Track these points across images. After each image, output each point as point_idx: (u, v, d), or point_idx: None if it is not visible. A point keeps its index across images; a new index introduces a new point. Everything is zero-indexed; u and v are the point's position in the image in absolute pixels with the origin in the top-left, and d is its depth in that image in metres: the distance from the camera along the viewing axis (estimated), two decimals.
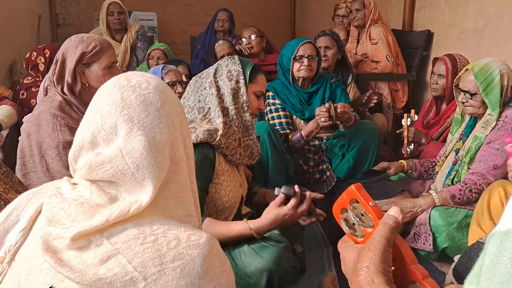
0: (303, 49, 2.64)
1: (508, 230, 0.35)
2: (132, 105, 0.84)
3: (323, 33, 3.12)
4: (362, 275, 0.60)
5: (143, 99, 0.85)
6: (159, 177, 0.82)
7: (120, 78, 0.90)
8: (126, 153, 0.81)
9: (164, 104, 0.87)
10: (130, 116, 0.83)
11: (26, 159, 1.86)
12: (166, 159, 0.84)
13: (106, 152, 0.82)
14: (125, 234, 0.77)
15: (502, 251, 0.35)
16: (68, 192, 0.84)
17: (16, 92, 3.28)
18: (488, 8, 3.10)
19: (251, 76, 1.76)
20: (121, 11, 3.86)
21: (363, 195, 0.69)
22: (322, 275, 1.88)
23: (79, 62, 1.89)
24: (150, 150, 0.81)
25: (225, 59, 1.80)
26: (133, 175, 0.80)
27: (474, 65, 2.09)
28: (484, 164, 2.01)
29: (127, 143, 0.81)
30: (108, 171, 0.80)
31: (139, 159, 0.81)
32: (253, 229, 1.54)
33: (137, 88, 0.86)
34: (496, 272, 0.34)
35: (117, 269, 0.73)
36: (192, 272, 0.76)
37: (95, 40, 1.94)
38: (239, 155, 1.75)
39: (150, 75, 0.92)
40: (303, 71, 2.65)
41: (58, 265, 0.73)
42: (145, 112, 0.84)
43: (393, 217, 0.65)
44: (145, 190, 0.80)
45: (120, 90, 0.86)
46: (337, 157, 2.69)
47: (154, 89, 0.87)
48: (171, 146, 0.86)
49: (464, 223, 1.98)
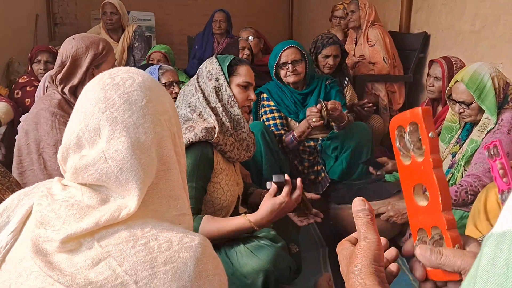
0: (285, 55, 2.63)
1: (504, 232, 0.35)
2: (115, 104, 0.81)
3: (333, 41, 3.01)
4: (353, 278, 0.60)
5: (126, 98, 0.82)
6: (145, 180, 0.80)
7: (104, 75, 0.87)
8: (109, 156, 0.79)
9: (149, 102, 0.84)
10: (113, 116, 0.80)
11: (23, 157, 1.86)
12: (152, 159, 0.82)
13: (90, 155, 0.80)
14: (116, 236, 0.75)
15: (498, 253, 0.35)
16: (59, 193, 0.82)
17: (12, 91, 3.27)
18: (484, 10, 3.11)
19: (230, 70, 1.76)
20: (114, 11, 3.85)
21: (427, 123, 0.61)
22: (318, 275, 1.89)
23: (91, 63, 1.90)
24: (133, 152, 0.79)
25: (205, 62, 1.82)
26: (117, 179, 0.79)
27: (463, 75, 2.08)
28: (480, 166, 2.02)
29: (110, 146, 0.79)
30: (93, 175, 0.79)
31: (122, 162, 0.78)
32: (253, 222, 1.54)
33: (121, 86, 0.83)
34: (492, 274, 0.35)
35: (108, 273, 0.71)
36: (184, 276, 0.74)
37: (101, 40, 1.96)
38: (237, 150, 1.76)
39: (137, 71, 0.89)
40: (289, 77, 2.65)
41: (48, 268, 0.72)
42: (129, 111, 0.81)
43: (361, 211, 0.65)
44: (131, 193, 0.78)
45: (104, 89, 0.83)
46: (331, 159, 2.69)
47: (139, 86, 0.84)
48: (158, 145, 0.84)
49: (459, 224, 1.98)
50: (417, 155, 0.63)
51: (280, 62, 2.65)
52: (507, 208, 0.37)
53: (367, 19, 3.67)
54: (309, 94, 2.75)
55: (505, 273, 0.33)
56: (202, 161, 1.64)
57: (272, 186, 1.57)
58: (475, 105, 2.06)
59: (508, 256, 0.34)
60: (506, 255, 0.34)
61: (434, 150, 0.61)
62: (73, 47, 1.92)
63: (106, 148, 0.79)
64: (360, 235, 0.64)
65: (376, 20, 3.73)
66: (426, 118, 0.61)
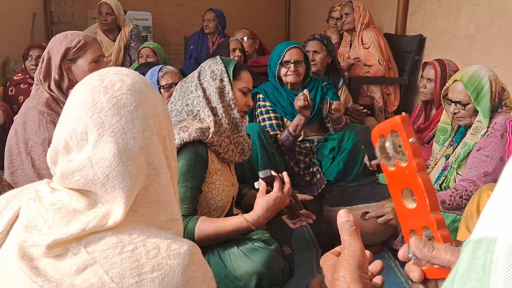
0: (289, 54, 2.65)
1: (481, 238, 0.36)
2: (103, 108, 0.79)
3: (313, 38, 3.11)
4: (338, 285, 0.61)
5: (115, 102, 0.79)
6: (131, 187, 0.78)
7: (93, 77, 0.84)
8: (95, 162, 0.77)
9: (138, 106, 0.81)
10: (101, 121, 0.78)
11: (14, 156, 1.86)
12: (140, 166, 0.80)
13: (77, 160, 0.78)
14: (103, 242, 0.74)
15: (474, 258, 0.35)
16: (47, 196, 0.81)
17: (6, 89, 3.26)
18: (479, 14, 3.13)
19: (234, 74, 1.77)
20: (109, 12, 3.85)
21: (406, 129, 0.64)
22: (310, 277, 1.89)
23: (64, 57, 1.90)
24: (120, 159, 0.77)
25: (207, 60, 1.82)
26: (103, 185, 0.77)
27: (463, 75, 2.08)
28: (475, 171, 2.01)
29: (96, 152, 0.77)
30: (79, 180, 0.77)
31: (108, 169, 0.76)
32: (250, 221, 1.54)
33: (109, 89, 0.80)
34: (469, 280, 0.35)
35: (94, 280, 0.70)
36: (172, 283, 0.73)
37: (79, 35, 1.95)
38: (231, 152, 1.76)
39: (127, 72, 0.87)
40: (289, 76, 2.66)
41: (33, 274, 0.71)
42: (117, 116, 0.79)
43: (345, 222, 0.66)
44: (117, 201, 0.77)
45: (92, 92, 0.80)
46: (327, 160, 2.69)
47: (128, 89, 0.82)
48: (147, 150, 0.81)
49: (452, 228, 1.99)
50: (401, 161, 0.65)
51: (283, 60, 2.66)
52: (484, 215, 0.38)
53: (361, 21, 3.68)
54: None
55: (481, 279, 0.34)
56: (196, 161, 1.64)
57: (261, 184, 1.58)
58: (471, 106, 2.06)
59: (484, 262, 0.34)
60: (482, 261, 0.34)
61: (416, 154, 0.63)
62: (50, 43, 1.94)
63: (92, 153, 0.77)
64: (345, 244, 0.64)
65: (371, 22, 3.74)
66: (405, 125, 0.64)
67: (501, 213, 0.35)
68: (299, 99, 2.46)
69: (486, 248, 0.35)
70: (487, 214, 0.38)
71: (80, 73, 1.93)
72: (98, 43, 2.04)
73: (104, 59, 2.66)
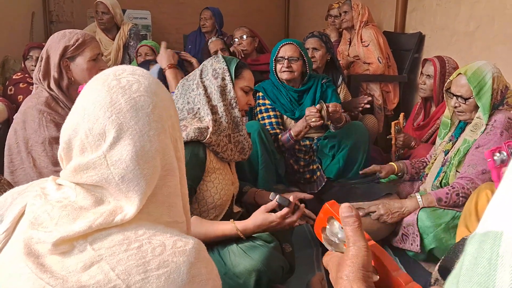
0: (283, 50, 2.65)
1: (487, 232, 0.36)
2: (121, 110, 0.79)
3: (312, 35, 3.12)
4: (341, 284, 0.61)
5: (133, 103, 0.80)
6: (146, 190, 0.79)
7: (109, 76, 0.84)
8: (112, 163, 0.77)
9: (155, 108, 0.82)
10: (119, 122, 0.78)
11: (14, 156, 1.86)
12: (155, 169, 0.80)
13: (93, 158, 0.78)
14: (109, 239, 0.74)
15: (480, 252, 0.35)
16: (53, 193, 0.81)
17: (5, 88, 3.26)
18: (479, 11, 3.13)
19: (236, 72, 1.77)
20: (105, 11, 3.85)
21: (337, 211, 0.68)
22: (311, 275, 1.89)
23: (62, 56, 1.90)
24: (137, 162, 0.78)
25: (209, 59, 1.82)
26: (118, 186, 0.77)
27: (467, 69, 2.08)
28: (473, 168, 2.01)
29: (113, 153, 0.78)
30: (93, 177, 0.78)
31: (125, 171, 0.77)
32: (240, 230, 1.56)
33: (127, 90, 0.81)
34: (474, 273, 0.35)
35: (100, 277, 0.71)
36: (177, 280, 0.73)
37: (77, 34, 1.95)
38: (230, 151, 1.76)
39: (142, 73, 0.87)
40: (283, 73, 2.66)
41: (39, 270, 0.71)
42: (135, 118, 0.79)
43: (349, 217, 0.66)
44: (131, 201, 0.77)
45: (109, 92, 0.80)
46: (328, 158, 2.69)
47: (146, 91, 0.83)
48: (162, 153, 0.82)
49: (451, 225, 1.99)
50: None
51: (278, 56, 2.67)
52: (490, 209, 0.38)
53: (360, 19, 3.68)
54: (305, 92, 2.76)
55: (487, 272, 0.34)
56: (191, 162, 1.64)
57: (272, 203, 1.59)
58: (472, 100, 2.06)
59: (490, 256, 0.34)
60: (489, 254, 0.34)
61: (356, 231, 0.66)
62: (49, 42, 1.93)
63: (109, 154, 0.77)
64: (349, 242, 0.64)
65: (370, 20, 3.74)
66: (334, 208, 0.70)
67: (507, 207, 0.36)
68: (312, 116, 2.41)
69: (492, 241, 0.35)
70: (493, 208, 0.38)
71: (79, 72, 1.93)
72: (97, 41, 2.04)
73: (103, 57, 2.66)
